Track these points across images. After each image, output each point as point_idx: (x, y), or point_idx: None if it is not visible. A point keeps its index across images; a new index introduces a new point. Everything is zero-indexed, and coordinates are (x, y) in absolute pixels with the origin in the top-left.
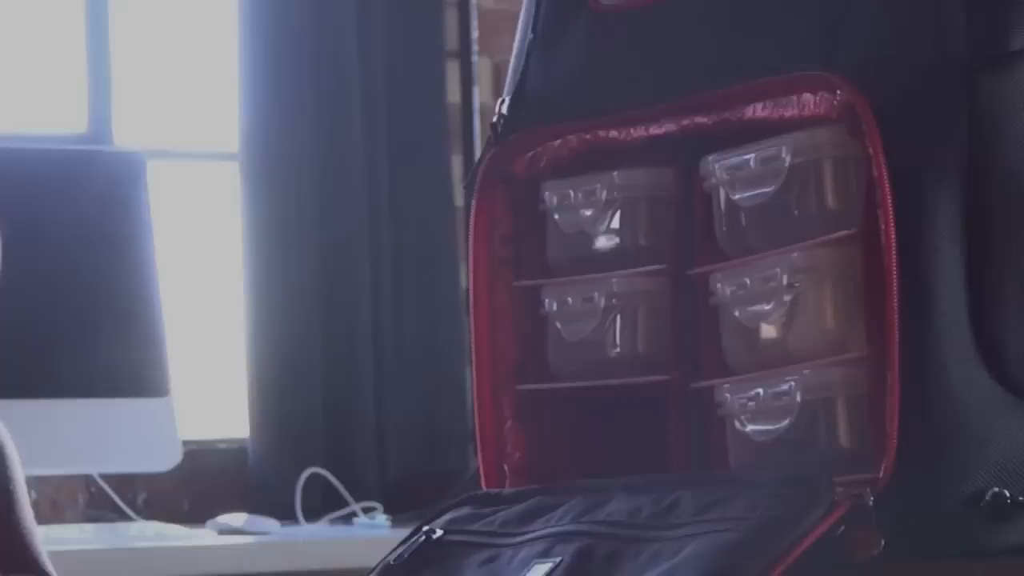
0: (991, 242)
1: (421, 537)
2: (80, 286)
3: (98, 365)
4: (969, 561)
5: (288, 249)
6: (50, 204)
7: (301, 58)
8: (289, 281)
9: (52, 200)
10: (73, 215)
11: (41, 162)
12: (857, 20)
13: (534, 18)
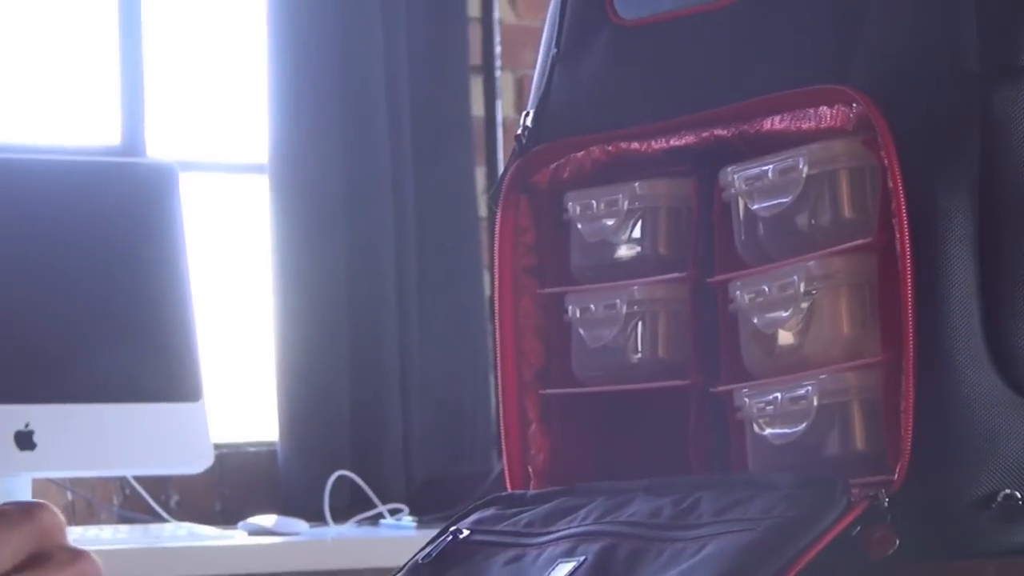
0: (1002, 251)
1: (448, 537)
2: (114, 294)
3: (132, 371)
4: (981, 560)
5: (316, 259)
6: (85, 214)
7: (329, 73)
8: (317, 289)
9: (87, 210)
10: (108, 225)
11: (77, 173)
12: (871, 35)
13: (557, 33)
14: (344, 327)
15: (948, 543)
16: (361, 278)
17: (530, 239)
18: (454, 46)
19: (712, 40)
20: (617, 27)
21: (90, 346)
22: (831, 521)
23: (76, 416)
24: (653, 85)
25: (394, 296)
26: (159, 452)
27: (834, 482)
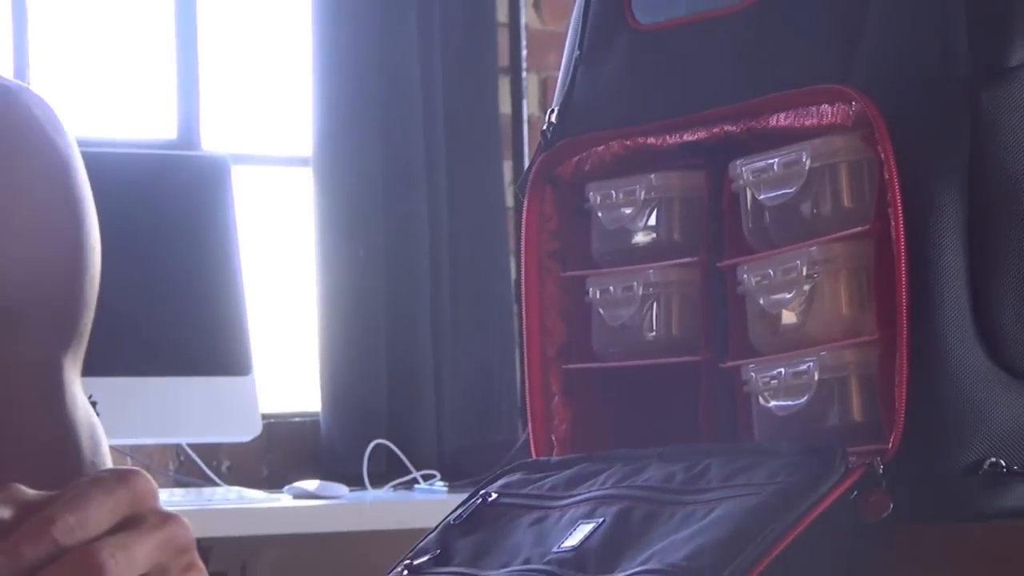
0: (990, 238)
1: (478, 500)
2: (172, 278)
3: (188, 347)
4: (969, 523)
5: (356, 245)
6: (144, 204)
7: (369, 73)
8: (357, 273)
9: (146, 200)
10: (165, 214)
11: (136, 165)
12: (870, 38)
13: (580, 36)
14: (381, 307)
15: (938, 507)
16: (397, 263)
17: (554, 226)
18: (484, 49)
19: (722, 44)
20: (635, 31)
21: (149, 324)
22: (830, 486)
23: (136, 388)
24: (668, 85)
25: (427, 279)
26: (211, 422)
27: (833, 450)
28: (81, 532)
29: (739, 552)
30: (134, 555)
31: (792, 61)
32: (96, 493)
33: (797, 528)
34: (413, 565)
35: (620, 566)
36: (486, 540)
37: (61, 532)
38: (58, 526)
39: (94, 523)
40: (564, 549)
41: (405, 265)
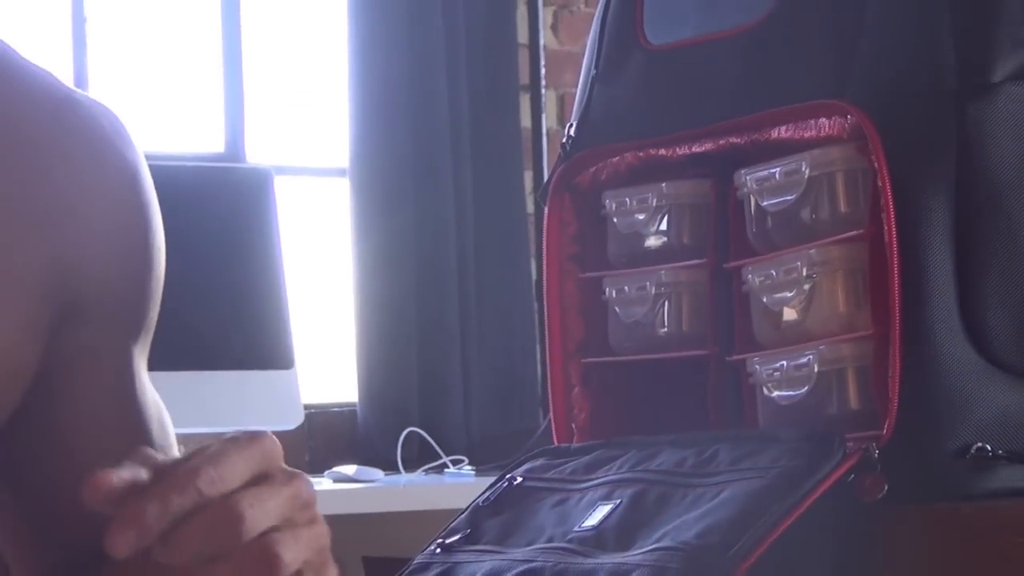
0: (976, 241)
1: (504, 483)
2: (220, 282)
3: (237, 344)
4: (958, 503)
5: (389, 249)
6: (195, 212)
7: (400, 93)
8: (390, 275)
9: (196, 209)
10: (214, 222)
11: (187, 177)
12: (864, 56)
13: (596, 57)
14: (413, 306)
15: (929, 488)
16: (427, 266)
17: (573, 231)
18: (506, 68)
19: (726, 62)
20: (647, 52)
21: (200, 324)
22: (829, 470)
23: (189, 382)
24: (677, 101)
25: (455, 280)
26: (258, 412)
27: (832, 436)
28: (222, 484)
29: (746, 531)
30: (268, 507)
31: (792, 78)
32: (233, 450)
33: (799, 508)
34: (445, 543)
35: (636, 544)
36: (512, 520)
37: (205, 483)
38: (202, 477)
39: (233, 477)
40: (584, 528)
41: (434, 267)
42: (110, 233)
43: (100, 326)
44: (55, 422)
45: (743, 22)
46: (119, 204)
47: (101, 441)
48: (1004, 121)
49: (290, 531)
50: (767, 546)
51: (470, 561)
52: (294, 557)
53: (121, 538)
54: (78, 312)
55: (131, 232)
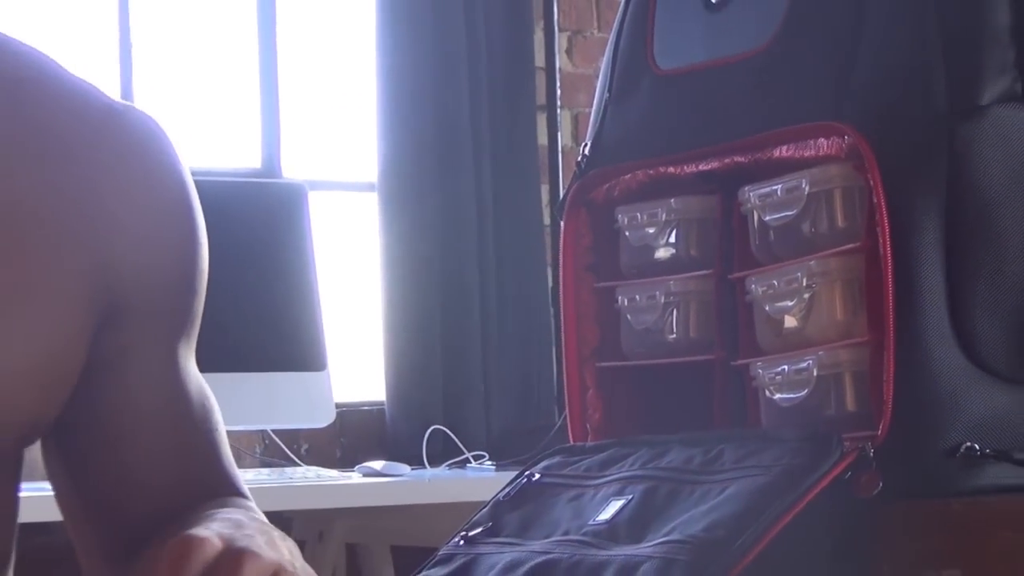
0: (965, 254)
1: (523, 479)
2: (258, 289)
3: (272, 347)
4: (948, 499)
5: (415, 259)
6: (234, 224)
7: (426, 113)
8: (416, 283)
9: (235, 221)
10: (251, 234)
11: (226, 191)
12: (860, 80)
13: (609, 81)
14: (437, 312)
15: (922, 485)
16: (450, 274)
17: (588, 243)
18: (524, 89)
19: (732, 87)
20: (657, 76)
21: (238, 328)
22: (827, 467)
23: (230, 383)
24: (685, 122)
25: (476, 287)
26: (292, 411)
27: (830, 436)
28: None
29: (750, 525)
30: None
31: (792, 101)
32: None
33: (800, 504)
34: (468, 536)
35: (647, 537)
36: (531, 514)
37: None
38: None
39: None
40: (598, 522)
41: (457, 275)
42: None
43: (144, 324)
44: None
45: (747, 49)
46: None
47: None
48: (992, 141)
49: None
50: (770, 539)
51: (491, 552)
52: None
53: None
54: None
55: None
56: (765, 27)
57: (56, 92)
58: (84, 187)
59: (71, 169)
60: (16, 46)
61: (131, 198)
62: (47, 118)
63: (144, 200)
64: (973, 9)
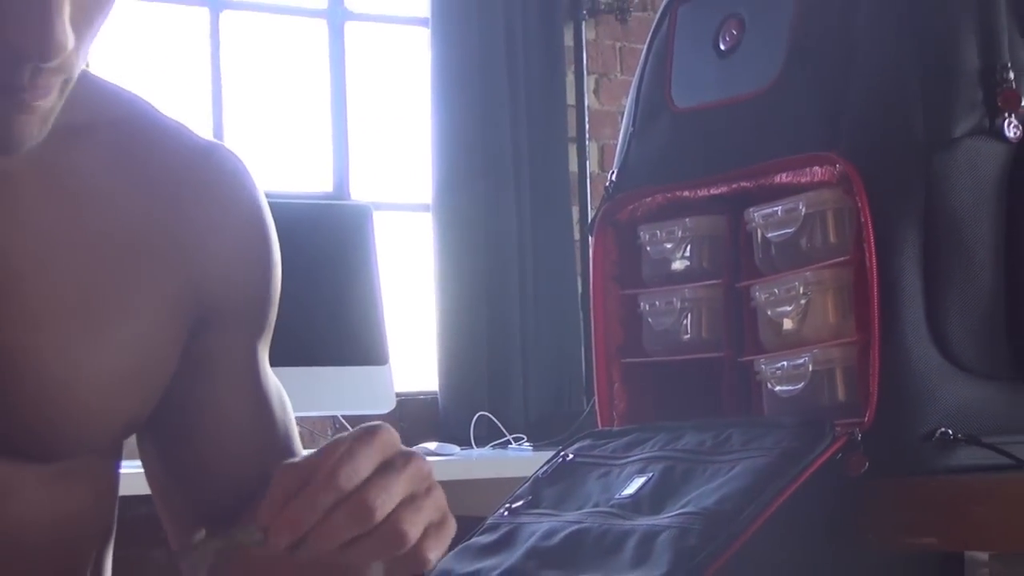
0: (939, 266)
1: (559, 459)
2: (330, 296)
3: (343, 345)
4: (925, 477)
5: (463, 270)
6: (309, 241)
7: (474, 144)
8: (464, 290)
9: (311, 238)
10: (325, 248)
11: (302, 212)
12: (850, 117)
13: (632, 117)
14: (483, 315)
15: (902, 465)
16: (494, 282)
17: (614, 257)
18: (557, 124)
19: (738, 122)
20: (674, 113)
21: (314, 331)
22: (821, 450)
23: (306, 375)
24: (698, 153)
25: (516, 294)
26: (359, 399)
27: (823, 423)
28: (356, 477)
29: (754, 499)
30: (392, 492)
31: (791, 135)
32: (359, 448)
33: (797, 481)
34: (512, 508)
35: (665, 509)
36: (565, 489)
37: (343, 480)
38: (340, 477)
39: (363, 470)
40: (623, 496)
41: (500, 283)
42: (234, 261)
43: (228, 331)
44: (193, 408)
45: (751, 90)
46: (242, 237)
47: (233, 418)
48: (963, 168)
49: (412, 506)
50: (772, 511)
51: (531, 522)
52: (417, 529)
53: (280, 537)
54: (208, 324)
55: (252, 259)
56: (767, 71)
57: (151, 133)
58: (175, 216)
59: (163, 201)
60: (116, 91)
61: (215, 225)
62: (144, 156)
63: (226, 227)
64: (947, 55)
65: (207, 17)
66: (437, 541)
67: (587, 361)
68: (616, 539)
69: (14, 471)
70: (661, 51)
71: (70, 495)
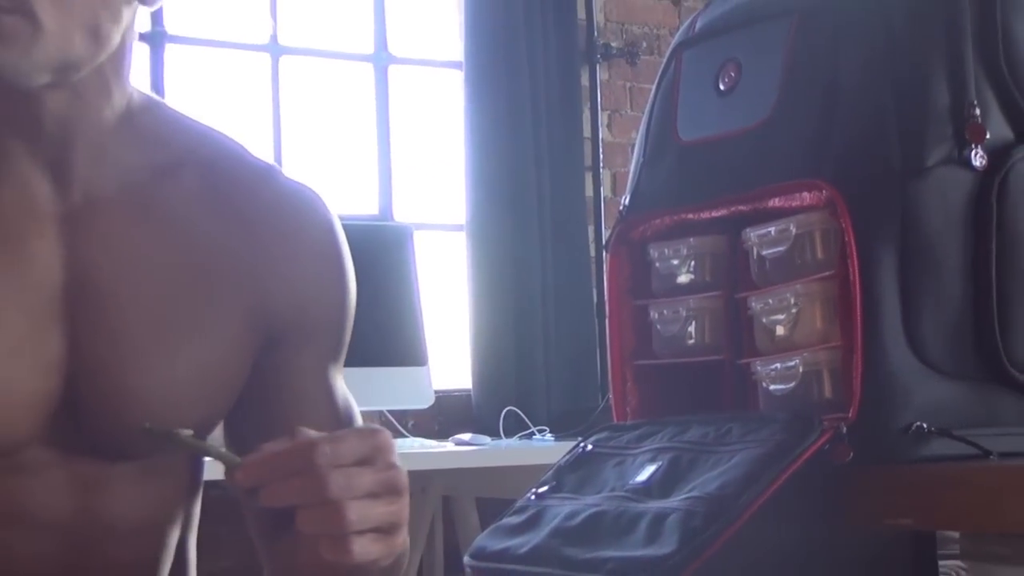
0: (914, 279)
1: (579, 449)
2: (376, 306)
3: (387, 349)
4: (903, 466)
5: (493, 281)
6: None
7: (502, 172)
8: (494, 300)
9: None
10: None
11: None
12: (834, 148)
13: (643, 148)
14: (510, 322)
15: (883, 455)
16: (521, 294)
17: (627, 272)
18: (575, 154)
19: (736, 153)
20: (680, 146)
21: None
22: (811, 441)
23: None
24: (701, 180)
25: (540, 304)
26: (402, 395)
27: (813, 418)
28: (332, 459)
29: (752, 484)
30: (354, 483)
31: (783, 164)
32: (350, 438)
33: (790, 469)
34: (538, 492)
35: (673, 494)
36: (585, 476)
37: (319, 456)
38: (317, 451)
39: (342, 456)
40: (636, 482)
41: (525, 295)
42: (304, 281)
43: (298, 347)
44: (266, 410)
45: (747, 125)
46: (312, 259)
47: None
48: (934, 194)
49: (368, 502)
50: (767, 496)
51: (555, 505)
52: (360, 523)
53: (244, 478)
54: (278, 338)
55: (323, 279)
56: (761, 109)
57: (238, 172)
58: (248, 240)
59: (238, 226)
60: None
61: (285, 248)
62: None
63: (296, 249)
64: (921, 94)
65: (269, 61)
66: (375, 545)
67: (602, 362)
68: (630, 520)
69: (106, 469)
70: (668, 91)
71: (156, 488)
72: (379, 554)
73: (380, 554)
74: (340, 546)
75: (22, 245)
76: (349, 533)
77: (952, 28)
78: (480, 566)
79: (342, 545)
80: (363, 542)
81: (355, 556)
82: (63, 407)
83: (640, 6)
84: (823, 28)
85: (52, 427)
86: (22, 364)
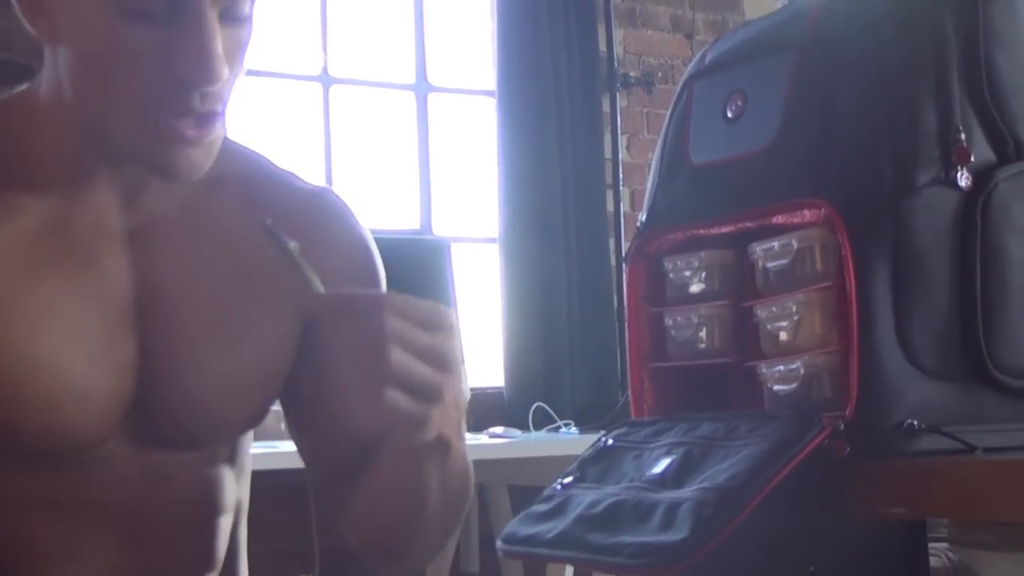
0: (905, 289)
1: (601, 443)
2: None
3: None
4: (896, 459)
5: (524, 290)
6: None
7: (531, 188)
8: (524, 307)
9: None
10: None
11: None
12: (832, 169)
13: (658, 170)
14: (538, 326)
15: (877, 450)
16: (548, 301)
17: (644, 282)
18: (597, 173)
19: (743, 174)
20: (691, 167)
21: None
22: (811, 437)
23: None
24: (711, 199)
25: (565, 310)
26: None
27: (813, 415)
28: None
29: (758, 476)
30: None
31: (785, 184)
32: (422, 303)
33: (792, 462)
34: (563, 483)
35: (686, 484)
36: (606, 468)
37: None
38: (387, 300)
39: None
40: (653, 474)
41: (552, 302)
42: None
43: None
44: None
45: (753, 148)
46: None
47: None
48: (924, 212)
49: (413, 359)
50: (772, 487)
51: (579, 494)
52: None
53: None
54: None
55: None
56: (765, 134)
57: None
58: None
59: None
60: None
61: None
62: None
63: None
64: (911, 120)
65: (320, 90)
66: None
67: (621, 362)
68: (647, 508)
69: (170, 459)
70: (681, 117)
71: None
72: (410, 416)
73: (412, 416)
74: (375, 391)
75: (96, 263)
76: (386, 380)
77: (940, 60)
78: (511, 549)
79: (377, 390)
80: (396, 395)
81: (384, 402)
82: (135, 405)
83: (656, 40)
84: (822, 61)
85: (125, 424)
86: (101, 370)
